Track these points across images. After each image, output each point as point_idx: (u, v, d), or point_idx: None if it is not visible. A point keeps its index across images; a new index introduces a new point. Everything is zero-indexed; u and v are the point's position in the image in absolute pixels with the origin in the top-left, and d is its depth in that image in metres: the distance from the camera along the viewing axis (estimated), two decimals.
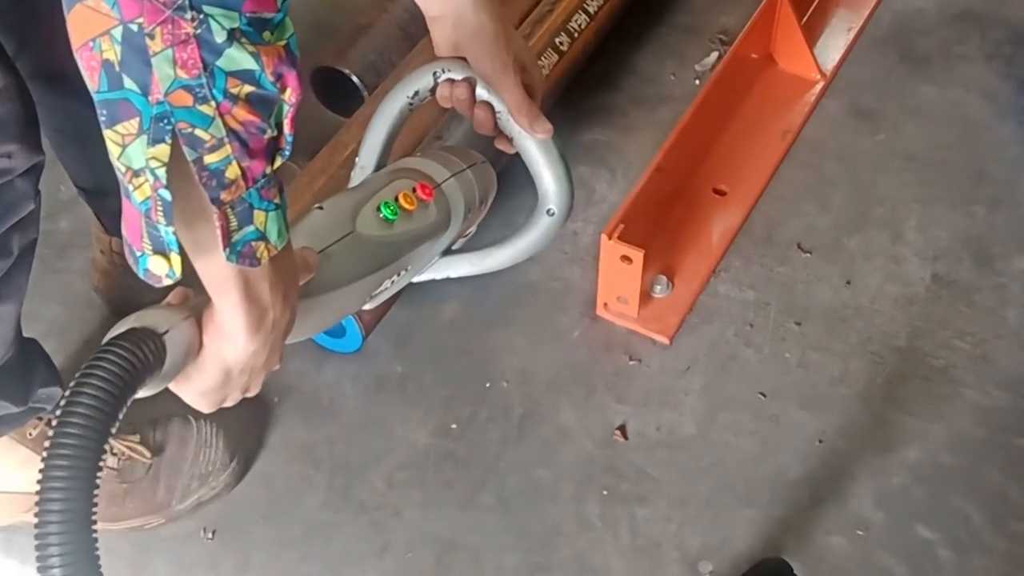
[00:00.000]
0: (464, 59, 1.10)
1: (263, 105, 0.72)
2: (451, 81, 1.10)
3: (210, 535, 1.57)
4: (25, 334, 1.48)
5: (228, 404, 0.95)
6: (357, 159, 1.19)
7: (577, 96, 2.02)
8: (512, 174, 1.87)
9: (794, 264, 1.80)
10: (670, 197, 1.83)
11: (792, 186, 1.90)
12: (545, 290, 1.79)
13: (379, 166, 1.18)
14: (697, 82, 2.06)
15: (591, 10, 1.95)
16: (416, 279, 1.18)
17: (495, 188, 1.26)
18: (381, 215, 1.07)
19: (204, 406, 0.93)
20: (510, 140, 1.14)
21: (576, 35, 1.92)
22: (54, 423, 0.76)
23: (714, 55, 2.10)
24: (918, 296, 1.76)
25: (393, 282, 1.10)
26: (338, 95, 1.90)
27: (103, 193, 1.66)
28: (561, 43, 1.90)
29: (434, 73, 1.11)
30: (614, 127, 2.00)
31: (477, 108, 1.11)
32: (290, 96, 0.73)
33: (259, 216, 0.76)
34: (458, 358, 1.73)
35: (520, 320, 1.76)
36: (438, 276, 1.22)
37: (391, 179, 1.12)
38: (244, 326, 0.84)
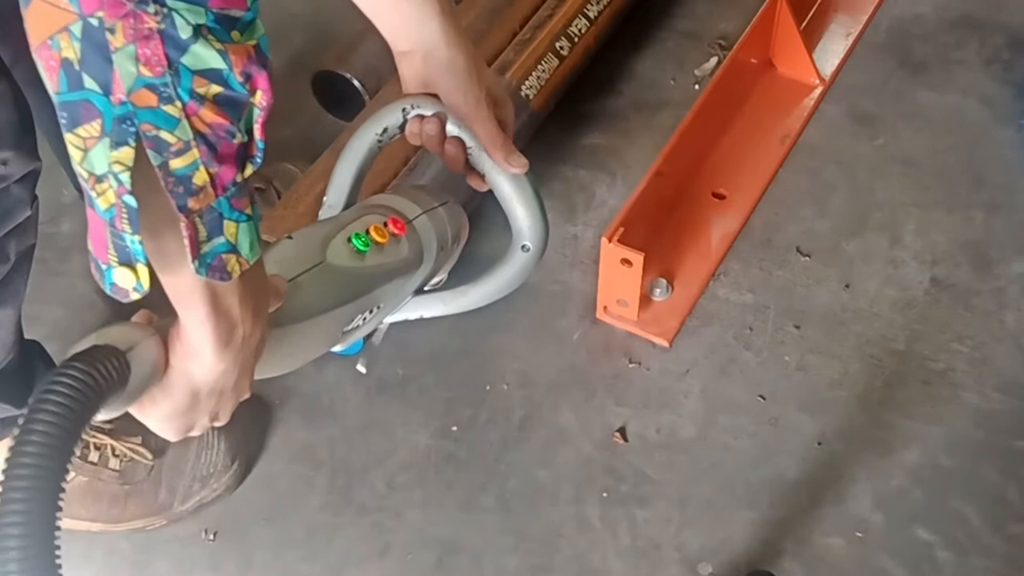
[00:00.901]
0: (435, 95, 1.07)
1: (232, 107, 0.69)
2: (421, 117, 1.08)
3: (212, 536, 1.58)
4: (27, 336, 1.49)
5: (195, 433, 0.91)
6: (325, 197, 1.16)
7: (577, 100, 2.03)
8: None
9: (793, 268, 1.81)
10: (670, 201, 1.84)
11: (791, 190, 1.91)
12: (545, 293, 1.80)
13: (348, 204, 1.15)
14: (697, 87, 2.07)
15: (591, 15, 1.96)
16: (389, 319, 1.16)
17: (467, 229, 1.24)
18: (352, 246, 1.05)
19: (170, 432, 0.89)
20: (482, 177, 1.11)
21: (576, 40, 1.93)
22: (12, 443, 0.71)
23: (714, 60, 2.10)
24: (917, 300, 1.77)
25: (365, 320, 1.08)
26: (339, 99, 1.90)
27: None
28: (561, 47, 1.91)
29: (403, 109, 1.09)
30: (614, 131, 2.01)
31: (448, 144, 1.08)
32: (260, 99, 0.70)
33: (230, 227, 0.73)
34: (459, 360, 1.73)
35: (520, 323, 1.77)
36: (411, 316, 1.20)
37: (361, 213, 1.10)
38: (212, 342, 0.80)
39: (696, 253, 1.81)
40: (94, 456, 1.53)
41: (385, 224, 1.09)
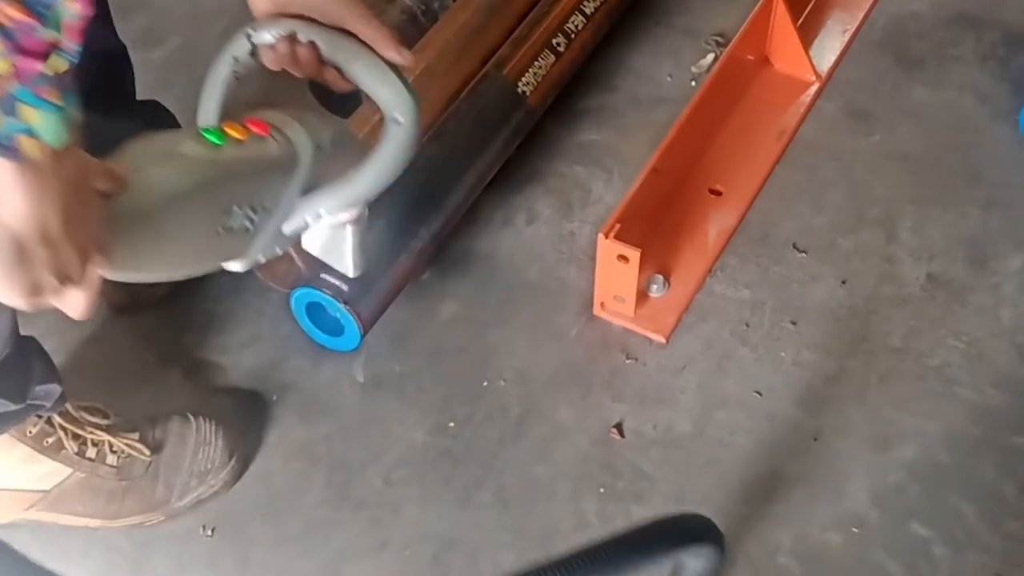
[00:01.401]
0: (276, 16, 1.10)
1: (36, 6, 0.73)
2: (280, 40, 1.11)
3: (209, 532, 1.58)
4: (25, 333, 1.49)
5: (47, 296, 0.91)
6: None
7: (573, 97, 2.03)
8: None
9: (789, 264, 1.81)
10: (666, 197, 1.84)
11: (787, 186, 1.91)
12: (542, 290, 1.80)
13: None
14: (693, 83, 2.07)
15: (588, 11, 1.96)
16: (289, 227, 1.18)
17: (355, 141, 1.26)
18: (204, 139, 1.06)
19: (15, 293, 0.89)
20: (339, 72, 1.15)
21: (573, 36, 1.93)
22: None
23: (710, 56, 2.11)
24: (913, 296, 1.77)
25: (252, 220, 1.09)
26: (335, 95, 1.90)
27: None
28: (558, 44, 1.91)
29: (247, 35, 1.11)
30: (611, 128, 2.01)
31: (299, 48, 1.10)
32: (72, 5, 0.74)
33: (29, 112, 0.77)
34: (456, 357, 1.73)
35: (517, 320, 1.77)
36: (310, 217, 1.20)
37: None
38: (12, 182, 0.82)
39: (693, 249, 1.81)
40: (91, 452, 1.53)
41: (242, 124, 1.11)
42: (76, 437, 1.52)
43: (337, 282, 1.61)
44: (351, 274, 1.49)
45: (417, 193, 1.71)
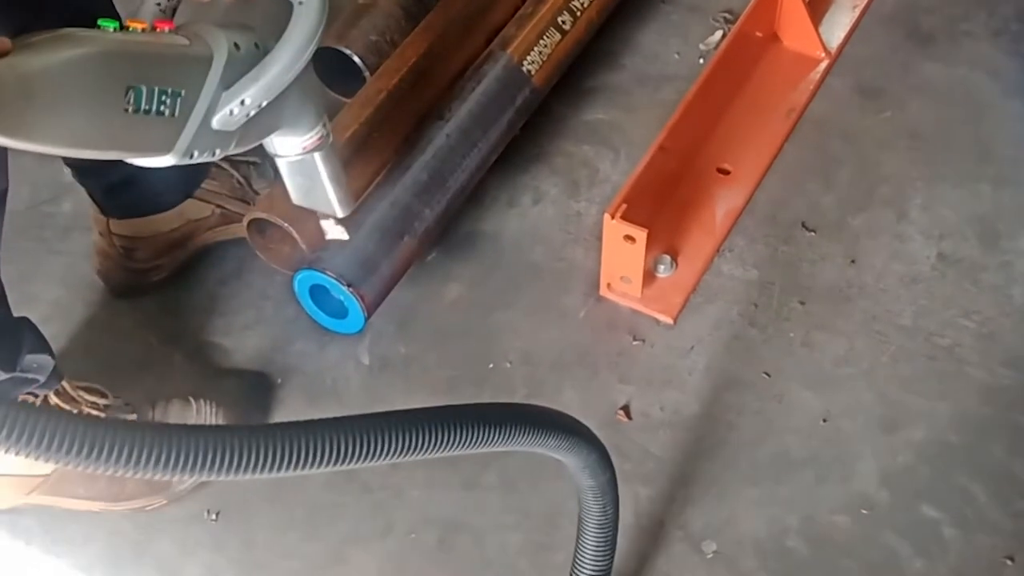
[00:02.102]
0: None
1: None
2: None
3: (214, 516, 1.57)
4: (28, 316, 1.49)
5: None
6: None
7: (580, 75, 2.01)
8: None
9: (798, 243, 1.79)
10: (674, 176, 1.82)
11: (796, 165, 1.89)
12: (548, 271, 1.79)
13: None
14: (701, 61, 2.05)
15: None
16: (220, 121, 1.20)
17: (296, 33, 1.25)
18: (100, 26, 1.10)
19: None
20: None
21: (579, 13, 1.91)
22: None
23: (718, 33, 2.08)
24: (923, 275, 1.75)
25: (164, 104, 1.12)
26: (339, 75, 1.89)
27: (92, 169, 1.65)
28: (564, 22, 1.88)
29: None
30: (617, 106, 1.99)
31: None
32: None
33: None
34: (461, 339, 1.72)
35: (523, 301, 1.76)
36: (235, 106, 1.21)
37: None
38: None
39: (700, 229, 1.80)
40: None
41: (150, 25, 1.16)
42: None
43: (340, 264, 1.60)
44: (339, 213, 1.50)
45: (421, 174, 1.69)
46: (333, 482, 1.59)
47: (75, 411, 1.52)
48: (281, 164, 1.45)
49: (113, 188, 1.68)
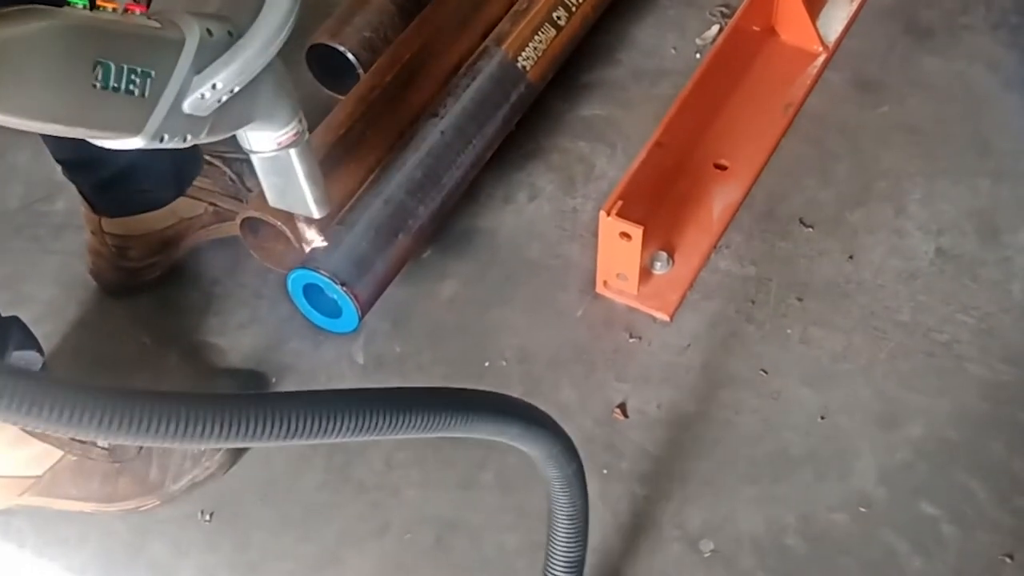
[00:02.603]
0: None
1: None
2: None
3: (208, 517, 1.56)
4: (21, 316, 1.48)
5: None
6: None
7: (576, 71, 2.00)
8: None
9: (796, 239, 1.78)
10: (670, 172, 1.81)
11: (794, 160, 1.87)
12: (544, 267, 1.78)
13: None
14: (698, 55, 2.03)
15: None
16: (191, 104, 1.20)
17: (268, 23, 1.25)
18: (70, 4, 1.11)
19: None
20: None
21: (574, 9, 1.90)
22: None
23: (715, 28, 2.07)
24: (922, 270, 1.74)
25: (137, 84, 1.13)
26: (333, 72, 1.88)
27: (83, 165, 1.64)
28: (559, 17, 1.87)
29: None
30: (614, 102, 1.98)
31: None
32: None
33: None
34: (457, 337, 1.71)
35: (519, 298, 1.75)
36: (206, 90, 1.21)
37: None
38: None
39: (697, 225, 1.79)
40: None
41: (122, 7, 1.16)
42: None
43: (334, 263, 1.59)
44: (315, 214, 1.48)
45: (415, 171, 1.68)
46: (328, 482, 1.58)
47: None
48: (256, 162, 1.44)
49: (104, 185, 1.67)
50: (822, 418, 1.60)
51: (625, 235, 1.62)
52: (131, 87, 1.13)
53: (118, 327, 1.74)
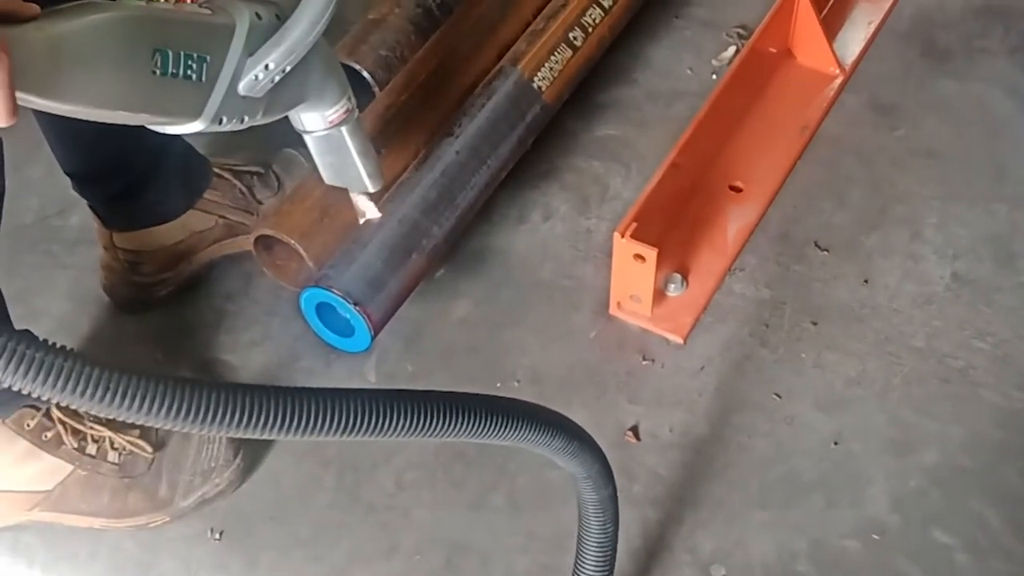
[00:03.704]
0: None
1: None
2: None
3: (217, 535, 1.56)
4: (34, 330, 1.47)
5: None
6: None
7: (591, 91, 1.99)
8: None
9: (811, 262, 1.77)
10: (685, 194, 1.81)
11: (809, 183, 1.87)
12: (557, 288, 1.77)
13: None
14: (714, 77, 2.03)
15: (606, 4, 1.92)
16: (245, 86, 1.24)
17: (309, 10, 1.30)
18: None
19: None
20: None
21: (590, 30, 1.89)
22: None
23: (732, 49, 2.07)
24: (937, 295, 1.73)
25: (194, 69, 1.17)
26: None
27: (93, 178, 1.65)
28: (575, 38, 1.87)
29: None
30: (629, 122, 1.98)
31: None
32: None
33: None
34: (469, 357, 1.71)
35: (532, 319, 1.74)
36: (260, 72, 1.25)
37: None
38: None
39: (712, 247, 1.78)
40: (92, 449, 1.51)
41: None
42: (76, 432, 1.51)
43: (347, 282, 1.59)
44: (370, 188, 1.54)
45: (430, 191, 1.68)
46: (338, 502, 1.58)
47: (78, 426, 1.51)
48: (310, 142, 1.49)
49: (114, 199, 1.67)
50: (835, 443, 1.59)
51: (639, 257, 1.61)
52: (188, 72, 1.17)
53: (130, 342, 1.74)
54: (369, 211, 1.63)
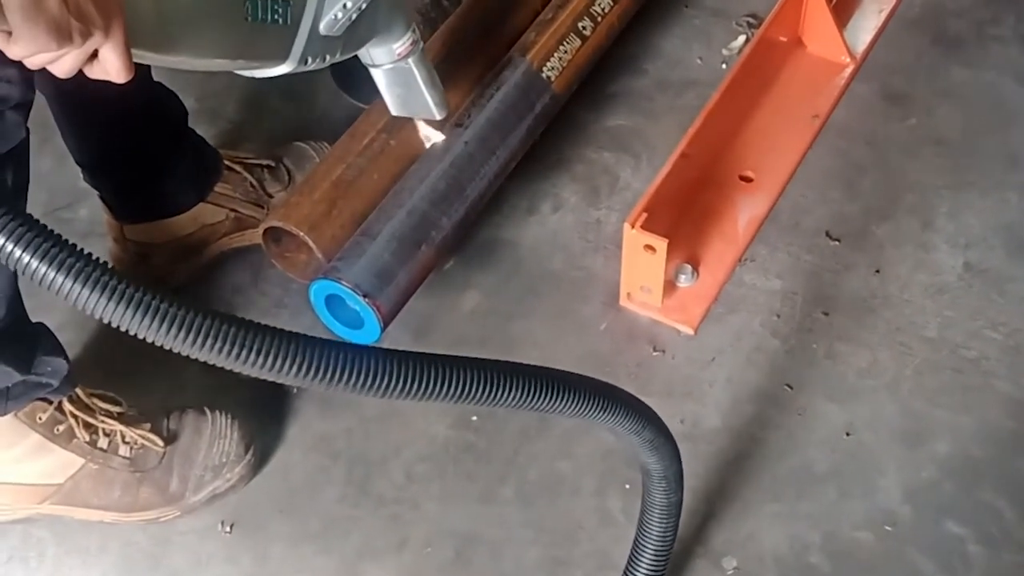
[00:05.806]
0: None
1: None
2: None
3: (228, 529, 1.56)
4: (45, 323, 1.48)
5: (75, 45, 0.92)
6: None
7: (601, 81, 1.99)
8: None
9: (822, 252, 1.76)
10: (695, 184, 1.80)
11: (820, 172, 1.86)
12: (567, 279, 1.77)
13: None
14: (724, 66, 2.02)
15: None
16: (326, 25, 1.29)
17: None
18: None
19: (37, 28, 0.88)
20: None
21: (599, 19, 1.88)
22: None
23: (742, 38, 2.06)
24: (949, 285, 1.72)
25: (280, 12, 1.23)
26: (357, 81, 1.87)
27: (104, 168, 1.65)
28: (584, 27, 1.86)
29: None
30: (639, 112, 1.97)
31: None
32: None
33: None
34: (479, 348, 1.70)
35: (542, 310, 1.74)
36: (339, 12, 1.31)
37: None
38: None
39: (722, 238, 1.77)
40: (103, 443, 1.51)
41: None
42: (88, 426, 1.51)
43: (357, 274, 1.58)
44: (437, 116, 1.60)
45: (439, 182, 1.67)
46: (348, 495, 1.58)
47: (90, 419, 1.51)
48: (379, 76, 1.53)
49: (126, 189, 1.67)
50: (847, 434, 1.59)
51: (649, 248, 1.61)
52: (275, 16, 1.23)
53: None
54: (435, 137, 1.68)
